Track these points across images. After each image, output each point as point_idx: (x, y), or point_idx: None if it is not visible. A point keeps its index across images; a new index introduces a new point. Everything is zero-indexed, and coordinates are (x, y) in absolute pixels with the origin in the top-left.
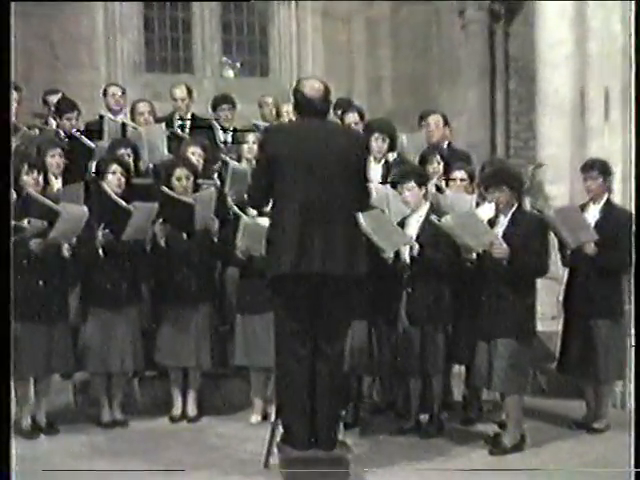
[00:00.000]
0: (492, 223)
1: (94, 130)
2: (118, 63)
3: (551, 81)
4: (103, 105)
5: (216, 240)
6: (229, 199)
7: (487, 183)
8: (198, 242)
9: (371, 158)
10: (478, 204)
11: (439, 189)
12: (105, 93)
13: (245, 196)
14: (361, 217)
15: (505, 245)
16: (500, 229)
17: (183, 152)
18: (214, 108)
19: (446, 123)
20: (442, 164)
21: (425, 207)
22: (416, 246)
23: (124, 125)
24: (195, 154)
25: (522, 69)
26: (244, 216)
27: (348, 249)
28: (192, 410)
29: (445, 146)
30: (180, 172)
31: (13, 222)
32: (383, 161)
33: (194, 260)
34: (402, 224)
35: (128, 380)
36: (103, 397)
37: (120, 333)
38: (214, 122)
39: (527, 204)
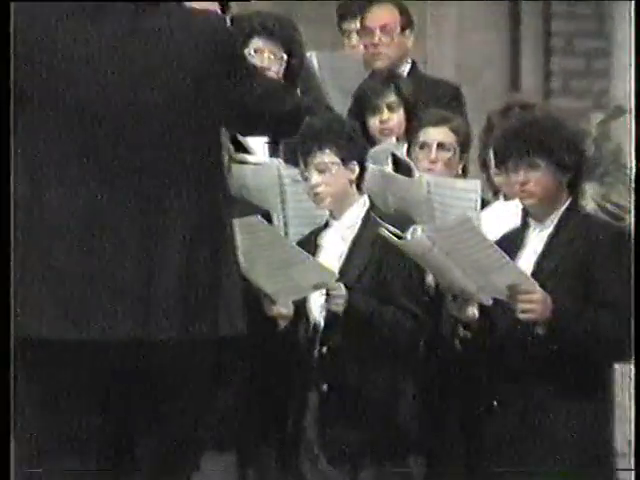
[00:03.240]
0: (514, 243)
1: None
2: None
3: None
4: None
5: None
6: None
7: (502, 152)
8: None
9: None
10: (484, 202)
11: (397, 166)
12: None
13: None
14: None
15: (541, 292)
16: (531, 257)
17: None
18: None
19: (407, 24)
20: (401, 111)
21: (359, 208)
22: (341, 292)
23: None
24: None
25: None
26: None
27: (195, 288)
28: None
29: (406, 72)
30: None
31: None
32: None
33: None
34: (310, 244)
35: None
36: None
37: None
38: None
39: (589, 199)
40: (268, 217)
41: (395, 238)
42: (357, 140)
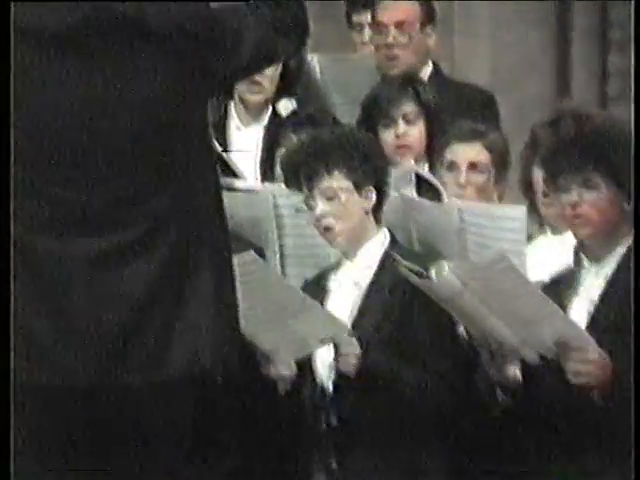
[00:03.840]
0: (564, 287)
1: None
2: None
3: None
4: None
5: None
6: None
7: (552, 167)
8: None
9: (232, 105)
10: (527, 236)
11: (420, 189)
12: None
13: None
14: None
15: (598, 350)
16: (585, 305)
17: None
18: None
19: (429, 18)
20: (421, 123)
21: (377, 244)
22: (355, 349)
23: None
24: None
25: None
26: None
27: (181, 319)
28: None
29: (427, 76)
30: None
31: None
32: (266, 117)
33: None
34: (317, 289)
35: None
36: None
37: None
38: None
39: None
40: (261, 255)
41: (417, 277)
42: (374, 159)
